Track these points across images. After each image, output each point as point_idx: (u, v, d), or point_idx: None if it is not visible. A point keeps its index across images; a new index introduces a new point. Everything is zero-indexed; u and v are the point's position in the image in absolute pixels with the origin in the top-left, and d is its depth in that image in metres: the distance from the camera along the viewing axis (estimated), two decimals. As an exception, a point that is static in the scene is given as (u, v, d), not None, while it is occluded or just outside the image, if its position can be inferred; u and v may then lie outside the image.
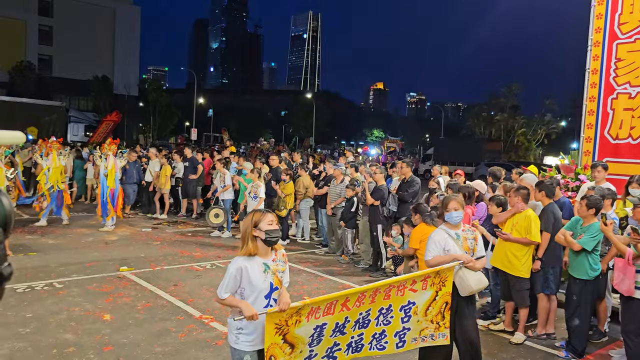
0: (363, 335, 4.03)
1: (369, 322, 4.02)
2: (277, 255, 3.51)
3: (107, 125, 27.24)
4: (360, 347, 4.04)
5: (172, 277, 7.70)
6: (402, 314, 4.18)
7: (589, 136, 8.40)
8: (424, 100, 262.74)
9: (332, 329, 3.81)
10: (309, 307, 3.58)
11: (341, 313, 3.84)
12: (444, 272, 4.31)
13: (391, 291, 4.08)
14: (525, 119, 46.78)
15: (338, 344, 3.90)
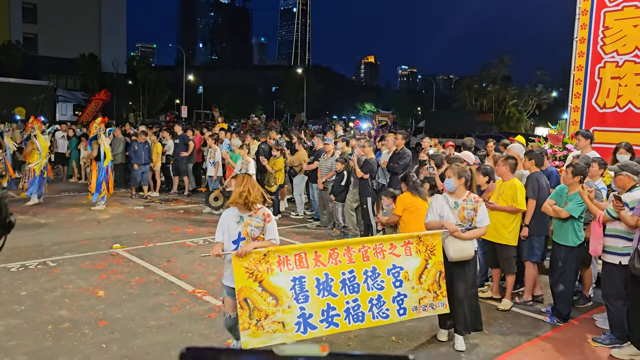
0: (359, 301, 4.17)
1: (358, 285, 4.18)
2: (257, 213, 4.10)
3: (96, 104, 27.01)
4: (362, 315, 4.17)
5: (165, 253, 7.76)
6: (392, 277, 4.32)
7: (576, 105, 8.46)
8: (415, 73, 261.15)
9: (314, 284, 4.02)
10: (275, 256, 3.97)
11: (317, 268, 4.07)
12: (428, 240, 4.49)
13: (368, 252, 4.27)
14: (516, 90, 46.76)
15: (333, 307, 4.07)
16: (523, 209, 5.73)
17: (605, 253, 4.90)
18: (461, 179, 4.68)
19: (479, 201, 4.71)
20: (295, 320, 3.96)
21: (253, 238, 4.06)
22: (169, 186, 13.65)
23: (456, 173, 4.69)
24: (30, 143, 11.08)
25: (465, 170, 4.73)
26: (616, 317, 4.87)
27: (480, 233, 4.72)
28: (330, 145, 9.66)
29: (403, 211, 5.91)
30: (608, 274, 4.92)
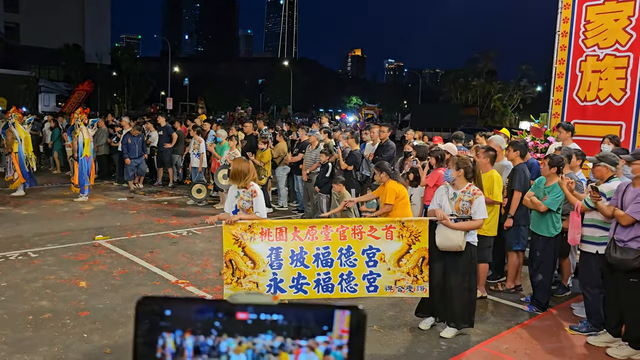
0: (330, 275, 4.61)
1: (332, 261, 4.61)
2: (248, 189, 4.87)
3: (79, 95, 26.69)
4: (331, 287, 4.63)
5: (148, 244, 7.73)
6: (366, 257, 4.64)
7: (558, 98, 8.55)
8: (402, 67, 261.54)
9: (289, 255, 4.56)
10: (259, 227, 4.57)
11: (294, 242, 4.57)
12: (412, 226, 4.65)
13: (346, 232, 4.62)
14: (501, 84, 47.09)
15: (304, 276, 4.58)
16: (498, 201, 5.78)
17: (583, 242, 4.98)
18: (460, 170, 4.71)
19: (477, 194, 4.71)
20: (268, 282, 4.57)
21: (245, 210, 4.86)
22: (153, 178, 13.56)
23: (455, 164, 4.76)
24: (9, 132, 10.89)
25: (465, 161, 4.75)
26: (593, 305, 4.97)
27: (471, 225, 4.68)
28: (314, 137, 9.67)
29: (395, 199, 5.97)
30: (585, 263, 5.02)
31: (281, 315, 0.77)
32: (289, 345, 0.77)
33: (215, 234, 8.48)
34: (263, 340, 0.77)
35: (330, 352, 0.77)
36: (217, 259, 7.07)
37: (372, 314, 5.38)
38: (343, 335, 0.77)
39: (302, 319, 0.77)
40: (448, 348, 4.66)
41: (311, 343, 0.77)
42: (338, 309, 0.78)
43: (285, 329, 0.77)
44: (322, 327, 0.77)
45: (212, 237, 8.30)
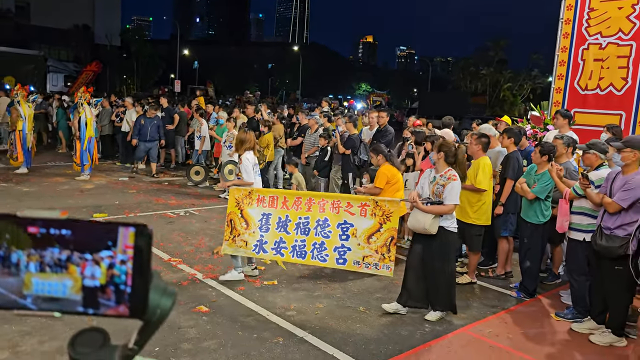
0: (305, 242, 5.05)
1: (309, 230, 5.04)
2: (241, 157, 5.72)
3: (87, 76, 26.71)
4: (304, 253, 5.06)
5: (145, 223, 7.79)
6: (340, 231, 4.97)
7: (559, 87, 8.48)
8: (413, 54, 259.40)
9: (275, 221, 5.12)
10: (256, 194, 5.24)
11: (282, 210, 5.13)
12: (385, 206, 4.84)
13: (325, 205, 5.03)
14: (511, 73, 46.58)
15: (284, 241, 5.11)
16: (483, 189, 5.75)
17: (571, 230, 4.98)
18: (440, 154, 4.74)
19: (452, 179, 4.69)
20: (255, 242, 5.19)
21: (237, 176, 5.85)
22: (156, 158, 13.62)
23: (437, 147, 4.81)
24: (14, 110, 10.98)
25: (446, 145, 4.77)
26: (578, 292, 4.99)
27: (440, 210, 4.65)
28: (313, 121, 9.67)
29: (386, 184, 6.03)
30: (572, 250, 5.02)
31: (69, 231, 0.81)
32: (75, 258, 0.81)
33: (212, 215, 8.56)
34: (51, 253, 0.80)
35: (115, 266, 0.81)
36: (211, 239, 7.14)
37: (360, 296, 5.44)
38: (127, 250, 0.81)
39: (88, 234, 0.81)
40: (431, 330, 4.70)
41: (96, 257, 0.80)
42: (122, 226, 0.81)
43: (72, 243, 0.81)
44: (107, 242, 0.81)
45: (208, 217, 8.38)
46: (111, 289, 0.81)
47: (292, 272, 6.05)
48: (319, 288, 5.61)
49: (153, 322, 0.86)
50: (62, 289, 0.82)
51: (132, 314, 0.82)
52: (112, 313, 0.82)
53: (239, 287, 5.45)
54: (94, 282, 0.81)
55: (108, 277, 0.81)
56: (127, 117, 12.96)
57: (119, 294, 0.81)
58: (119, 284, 0.81)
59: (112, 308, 0.82)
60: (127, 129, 12.90)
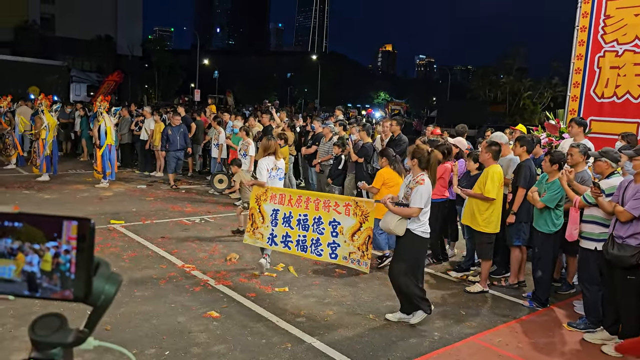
0: (306, 237, 5.67)
1: (308, 226, 5.64)
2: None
3: (109, 85, 27.27)
4: (305, 248, 5.68)
5: (161, 230, 7.94)
6: (331, 228, 5.53)
7: (575, 95, 8.42)
8: (432, 62, 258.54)
9: (282, 217, 5.80)
10: (270, 192, 5.95)
11: (287, 207, 5.80)
12: (363, 206, 5.40)
13: (319, 204, 5.60)
14: (531, 81, 46.16)
15: (290, 236, 5.77)
16: (491, 197, 5.71)
17: (582, 239, 4.94)
18: (414, 160, 4.87)
19: (420, 183, 4.75)
20: (268, 235, 5.92)
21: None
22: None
23: (410, 153, 5.01)
24: (38, 119, 11.27)
25: (419, 152, 4.86)
26: (591, 302, 4.93)
27: (403, 212, 4.73)
28: (327, 129, 9.72)
29: (382, 185, 6.32)
30: (584, 260, 4.97)
31: (20, 223, 0.91)
32: (25, 248, 0.91)
33: (226, 222, 8.65)
34: (4, 242, 0.92)
35: (60, 255, 0.91)
36: (224, 246, 7.23)
37: (370, 303, 5.46)
38: (70, 241, 0.91)
39: (37, 227, 0.91)
40: (440, 338, 4.69)
41: (42, 247, 0.91)
42: (66, 219, 0.91)
43: (23, 234, 0.91)
44: (53, 234, 0.91)
45: (223, 225, 8.47)
46: (57, 275, 0.91)
47: (304, 278, 6.10)
48: (330, 295, 5.63)
49: (99, 306, 0.94)
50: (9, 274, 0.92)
51: (76, 297, 0.93)
52: (57, 297, 0.92)
53: (250, 293, 5.51)
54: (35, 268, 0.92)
55: (54, 264, 0.91)
56: (146, 125, 13.20)
57: (64, 280, 0.91)
58: (64, 271, 0.91)
59: (57, 292, 0.92)
60: (146, 137, 13.13)
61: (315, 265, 6.56)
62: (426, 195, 4.73)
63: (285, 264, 6.52)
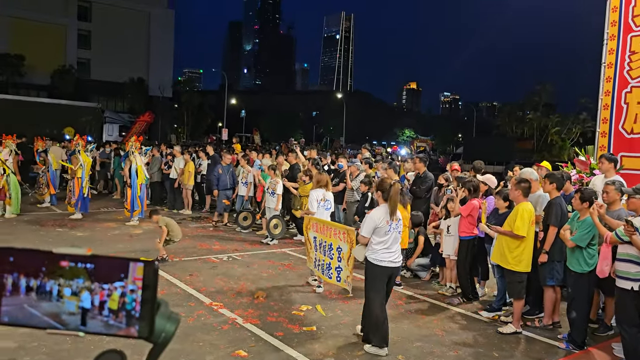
0: (323, 262, 6.54)
1: (326, 252, 6.48)
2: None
3: (140, 125, 28.07)
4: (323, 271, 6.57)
5: (189, 267, 8.01)
6: (337, 253, 6.25)
7: (604, 131, 8.33)
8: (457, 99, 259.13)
9: (316, 244, 6.73)
10: (313, 223, 6.87)
11: (319, 234, 6.68)
12: (350, 234, 6.07)
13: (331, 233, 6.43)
14: (559, 117, 45.76)
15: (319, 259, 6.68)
16: (521, 235, 5.63)
17: (618, 278, 4.80)
18: (378, 192, 5.21)
19: (369, 212, 5.30)
20: (312, 259, 6.90)
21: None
22: (201, 204, 14.04)
23: (375, 186, 5.47)
24: (74, 159, 11.68)
25: (382, 185, 5.17)
26: (630, 345, 4.75)
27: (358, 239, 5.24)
28: (354, 167, 9.79)
29: None
30: (621, 300, 4.82)
31: (92, 265, 0.98)
32: (96, 288, 0.98)
33: (254, 260, 8.69)
34: (77, 282, 0.98)
35: (125, 295, 0.97)
36: (252, 283, 7.24)
37: (399, 344, 5.36)
38: (136, 282, 0.97)
39: (107, 268, 0.98)
40: (472, 381, 4.56)
41: (111, 287, 0.97)
42: (132, 261, 0.98)
43: (94, 275, 0.98)
44: (120, 275, 0.97)
45: (251, 262, 8.51)
46: (123, 314, 0.97)
47: (332, 318, 6.04)
48: (358, 335, 5.56)
49: (159, 343, 0.99)
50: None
51: (140, 335, 0.97)
52: (123, 333, 0.97)
53: (277, 332, 5.48)
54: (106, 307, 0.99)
55: (120, 303, 0.97)
56: (175, 164, 13.49)
57: (129, 318, 0.97)
58: (130, 310, 0.97)
59: (123, 329, 0.97)
60: (175, 175, 13.40)
61: (343, 304, 6.51)
62: (371, 224, 4.96)
63: (313, 303, 6.48)
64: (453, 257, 7.16)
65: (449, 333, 5.76)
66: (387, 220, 4.96)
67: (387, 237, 4.93)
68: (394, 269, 5.10)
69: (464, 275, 6.87)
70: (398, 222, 5.08)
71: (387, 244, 4.95)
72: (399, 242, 5.12)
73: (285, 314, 6.07)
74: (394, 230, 5.01)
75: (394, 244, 5.01)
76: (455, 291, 7.19)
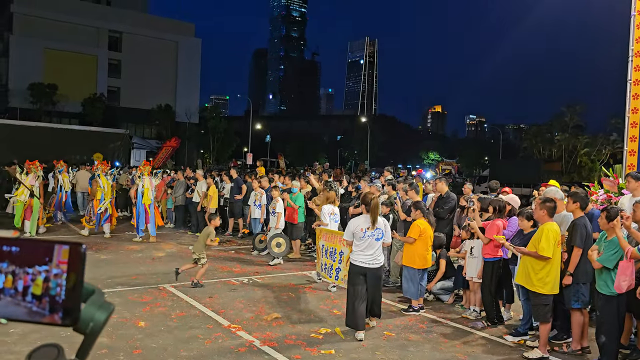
0: (328, 265, 7.65)
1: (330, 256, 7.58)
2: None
3: (167, 151, 28.50)
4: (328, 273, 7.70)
5: (209, 290, 7.99)
6: (339, 257, 7.34)
7: (632, 149, 8.12)
8: (483, 122, 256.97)
9: (323, 250, 7.80)
10: (322, 232, 8.19)
11: (327, 242, 7.79)
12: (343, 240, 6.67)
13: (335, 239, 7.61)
14: (588, 138, 44.88)
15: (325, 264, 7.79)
16: (546, 256, 5.45)
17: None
18: (362, 205, 6.18)
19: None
20: (320, 264, 8.03)
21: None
22: (224, 227, 14.08)
23: (361, 199, 6.32)
24: (94, 182, 12.41)
25: (366, 198, 6.14)
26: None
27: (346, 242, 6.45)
28: (374, 188, 9.70)
29: (419, 236, 6.94)
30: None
31: (17, 248, 0.94)
32: (20, 272, 0.93)
33: (274, 282, 8.63)
34: (2, 266, 0.93)
35: (50, 280, 0.92)
36: (271, 306, 7.17)
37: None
38: (61, 265, 0.92)
39: (31, 251, 0.93)
40: (496, 408, 4.37)
41: (34, 271, 0.92)
42: (57, 244, 0.92)
43: (18, 258, 0.93)
44: (45, 258, 0.92)
45: (271, 285, 8.45)
46: (46, 300, 0.92)
47: (350, 341, 5.92)
48: (377, 358, 5.42)
49: (88, 333, 0.94)
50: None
51: (64, 322, 0.92)
52: (46, 321, 0.92)
53: (295, 355, 5.38)
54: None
55: (43, 289, 0.92)
56: (198, 188, 13.61)
57: (53, 304, 0.92)
58: (54, 295, 0.91)
59: (46, 316, 0.92)
60: (198, 199, 13.51)
61: (364, 328, 6.37)
62: (349, 230, 6.13)
63: (332, 326, 6.37)
64: (477, 279, 6.97)
65: (472, 358, 5.58)
66: (361, 228, 5.95)
67: (361, 242, 5.95)
68: (368, 269, 5.96)
69: (489, 298, 6.68)
70: (375, 230, 5.96)
71: (362, 247, 5.97)
72: (376, 248, 5.97)
73: (303, 336, 5.97)
74: (370, 237, 5.93)
75: (368, 248, 5.94)
76: (479, 315, 6.98)
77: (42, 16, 48.03)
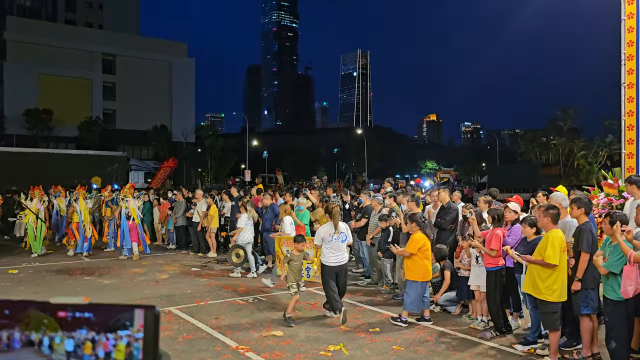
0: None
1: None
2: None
3: (165, 171, 28.58)
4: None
5: (215, 310, 7.95)
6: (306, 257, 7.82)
7: (630, 152, 8.16)
8: (479, 128, 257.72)
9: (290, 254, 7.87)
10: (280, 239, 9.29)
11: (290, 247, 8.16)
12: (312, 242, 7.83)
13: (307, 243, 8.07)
14: (584, 141, 45.09)
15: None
16: (552, 264, 5.44)
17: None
18: (326, 214, 7.57)
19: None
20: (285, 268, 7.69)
21: None
22: (226, 247, 14.03)
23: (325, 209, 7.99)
24: (71, 207, 13.42)
25: (327, 208, 7.61)
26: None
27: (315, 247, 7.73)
28: (375, 201, 9.72)
29: (418, 250, 6.91)
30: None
31: (91, 314, 0.92)
32: (99, 338, 0.91)
33: (280, 301, 8.59)
34: (79, 334, 0.92)
35: (132, 345, 0.91)
36: (278, 325, 7.13)
37: None
38: (141, 329, 0.91)
39: (109, 316, 0.92)
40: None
41: (116, 336, 0.91)
42: (137, 308, 0.92)
43: (96, 325, 0.92)
44: (126, 322, 0.91)
45: (276, 303, 8.41)
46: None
47: (360, 357, 5.88)
48: (388, 374, 5.39)
49: None
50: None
51: None
52: None
53: (305, 374, 5.34)
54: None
55: (126, 354, 0.91)
56: (198, 208, 13.59)
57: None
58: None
59: None
60: (198, 219, 13.48)
61: (372, 343, 6.35)
62: (319, 236, 7.36)
63: (339, 342, 6.33)
64: (482, 288, 6.96)
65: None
66: (329, 233, 7.23)
67: (330, 244, 7.23)
68: (339, 267, 7.26)
69: (495, 308, 6.66)
70: (340, 234, 7.26)
71: (332, 250, 7.23)
72: (343, 249, 7.31)
73: (312, 355, 5.94)
74: (337, 240, 7.24)
75: (337, 250, 7.24)
76: (487, 324, 6.96)
77: (35, 42, 48.36)
